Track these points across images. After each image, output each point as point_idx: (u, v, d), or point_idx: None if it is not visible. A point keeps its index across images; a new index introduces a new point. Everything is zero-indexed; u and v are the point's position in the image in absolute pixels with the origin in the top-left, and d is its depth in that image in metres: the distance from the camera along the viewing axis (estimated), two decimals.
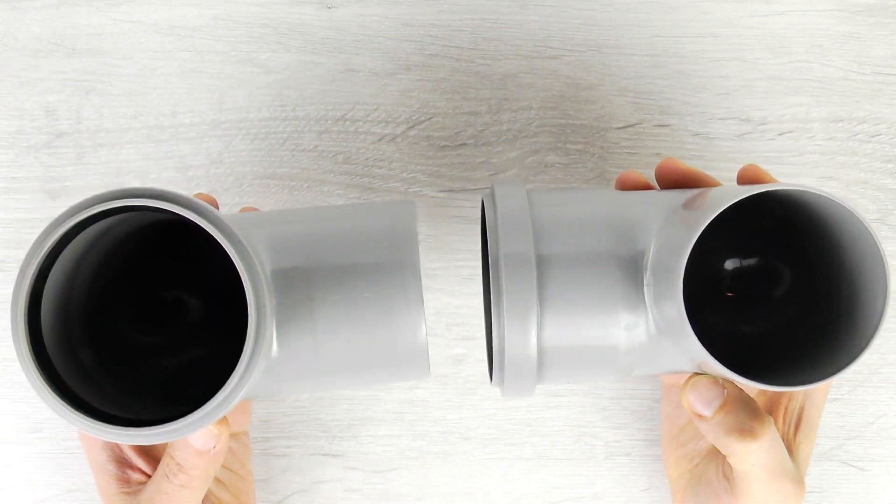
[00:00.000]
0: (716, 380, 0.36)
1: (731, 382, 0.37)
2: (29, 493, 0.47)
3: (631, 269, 0.36)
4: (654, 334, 0.37)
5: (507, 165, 0.51)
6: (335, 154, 0.51)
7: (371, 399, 0.48)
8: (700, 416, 0.37)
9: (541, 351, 0.37)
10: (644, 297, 0.36)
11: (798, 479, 0.39)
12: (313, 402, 0.48)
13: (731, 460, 0.38)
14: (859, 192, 0.50)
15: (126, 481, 0.40)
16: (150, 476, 0.40)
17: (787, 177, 0.50)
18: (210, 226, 0.33)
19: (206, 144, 0.51)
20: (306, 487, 0.48)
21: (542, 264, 0.37)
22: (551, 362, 0.37)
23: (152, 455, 0.42)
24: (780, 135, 0.51)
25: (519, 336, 0.36)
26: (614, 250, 0.37)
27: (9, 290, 0.50)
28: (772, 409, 0.41)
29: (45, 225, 0.50)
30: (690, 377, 0.37)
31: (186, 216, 0.33)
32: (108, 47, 0.52)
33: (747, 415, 0.36)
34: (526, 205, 0.38)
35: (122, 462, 0.40)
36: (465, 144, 0.51)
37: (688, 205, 0.37)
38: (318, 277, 0.37)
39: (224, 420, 0.37)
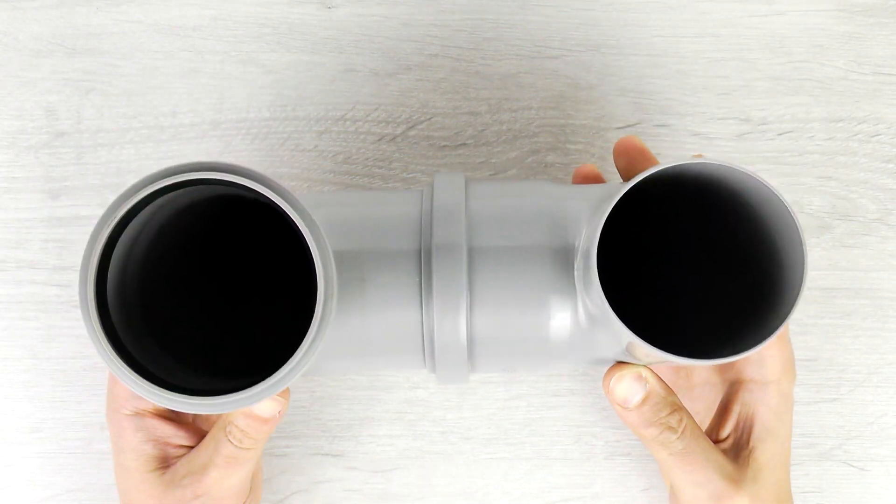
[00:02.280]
0: (639, 375, 0.38)
1: (654, 377, 0.39)
2: (29, 493, 0.47)
3: (562, 261, 0.37)
4: (586, 323, 0.38)
5: (506, 165, 0.51)
6: (335, 154, 0.51)
7: (371, 399, 0.48)
8: (622, 407, 0.39)
9: (471, 339, 0.38)
10: (575, 286, 0.37)
11: (733, 478, 0.39)
12: (313, 402, 0.48)
13: (652, 452, 0.40)
14: (859, 192, 0.50)
15: (163, 458, 0.41)
16: (187, 447, 0.41)
17: (786, 176, 0.50)
18: (286, 204, 0.33)
19: (206, 144, 0.51)
20: (306, 487, 0.48)
21: (474, 255, 0.37)
22: (482, 350, 0.38)
23: (189, 427, 0.43)
24: (779, 135, 0.51)
25: (449, 325, 0.37)
26: (546, 242, 0.38)
27: (9, 290, 0.50)
28: (723, 414, 0.42)
29: (44, 225, 0.50)
30: (614, 367, 0.39)
31: (263, 192, 0.33)
32: (108, 47, 0.52)
33: (666, 409, 0.39)
34: (462, 197, 0.39)
35: (159, 441, 0.41)
36: (465, 144, 0.51)
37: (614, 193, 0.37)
38: (370, 259, 0.38)
39: (286, 389, 0.38)
